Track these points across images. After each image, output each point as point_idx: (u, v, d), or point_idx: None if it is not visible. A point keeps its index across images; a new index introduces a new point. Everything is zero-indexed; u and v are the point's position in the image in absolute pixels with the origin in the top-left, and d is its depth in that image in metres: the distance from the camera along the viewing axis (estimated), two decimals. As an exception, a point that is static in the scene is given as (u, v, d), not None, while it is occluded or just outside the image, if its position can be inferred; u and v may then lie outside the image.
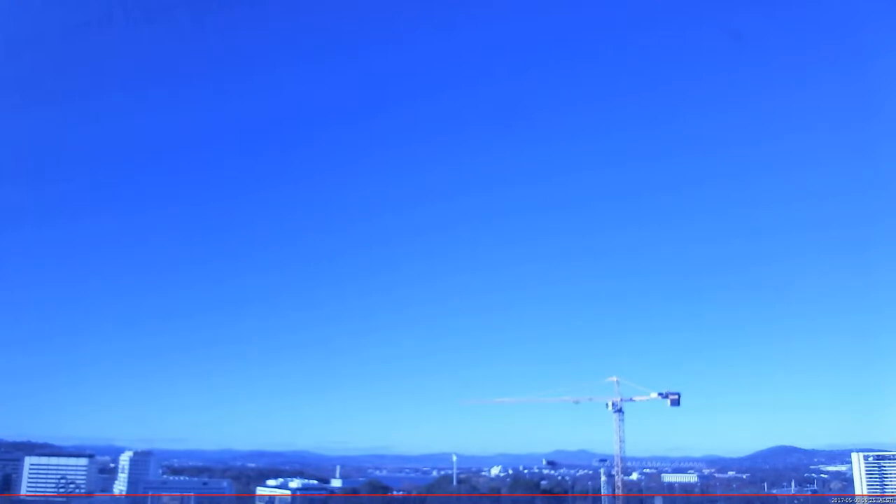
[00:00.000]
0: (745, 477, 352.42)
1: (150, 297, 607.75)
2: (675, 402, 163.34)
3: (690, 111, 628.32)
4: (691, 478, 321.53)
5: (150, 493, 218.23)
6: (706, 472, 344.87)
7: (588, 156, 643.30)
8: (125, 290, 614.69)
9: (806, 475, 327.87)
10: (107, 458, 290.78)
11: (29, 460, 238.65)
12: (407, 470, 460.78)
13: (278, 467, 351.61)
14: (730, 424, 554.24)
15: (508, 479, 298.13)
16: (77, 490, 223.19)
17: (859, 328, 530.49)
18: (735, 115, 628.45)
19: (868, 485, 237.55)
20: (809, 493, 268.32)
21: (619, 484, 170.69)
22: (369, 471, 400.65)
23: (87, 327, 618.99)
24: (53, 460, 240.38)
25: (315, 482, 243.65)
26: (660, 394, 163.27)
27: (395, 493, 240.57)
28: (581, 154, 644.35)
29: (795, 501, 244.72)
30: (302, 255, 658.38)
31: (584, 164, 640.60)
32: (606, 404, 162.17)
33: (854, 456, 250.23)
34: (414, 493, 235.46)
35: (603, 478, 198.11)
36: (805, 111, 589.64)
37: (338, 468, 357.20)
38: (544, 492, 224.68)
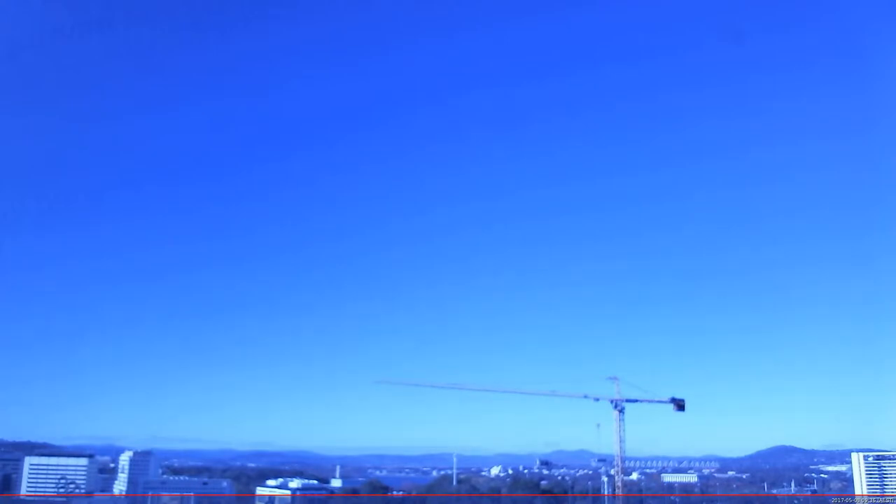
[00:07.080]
0: (745, 477, 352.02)
1: (151, 300, 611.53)
2: (681, 408, 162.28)
3: (693, 119, 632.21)
4: (691, 478, 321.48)
5: (150, 493, 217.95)
6: (706, 472, 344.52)
7: (592, 163, 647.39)
8: (126, 294, 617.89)
9: (806, 475, 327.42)
10: (107, 458, 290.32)
11: (29, 460, 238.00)
12: (407, 470, 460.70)
13: (278, 467, 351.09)
14: (730, 425, 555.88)
15: (508, 479, 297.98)
16: (77, 490, 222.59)
17: (858, 330, 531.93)
18: (737, 123, 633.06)
19: (868, 485, 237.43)
20: (809, 493, 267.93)
21: (619, 484, 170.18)
22: (369, 471, 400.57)
23: (87, 329, 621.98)
24: (53, 460, 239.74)
25: (315, 482, 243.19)
26: (670, 399, 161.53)
27: (395, 493, 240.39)
28: (585, 161, 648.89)
29: (795, 501, 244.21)
30: (301, 260, 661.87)
31: (588, 172, 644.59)
32: (612, 401, 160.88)
33: (854, 456, 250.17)
34: (414, 493, 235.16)
35: (603, 478, 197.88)
36: (808, 119, 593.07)
37: (338, 468, 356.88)
38: (544, 492, 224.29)
